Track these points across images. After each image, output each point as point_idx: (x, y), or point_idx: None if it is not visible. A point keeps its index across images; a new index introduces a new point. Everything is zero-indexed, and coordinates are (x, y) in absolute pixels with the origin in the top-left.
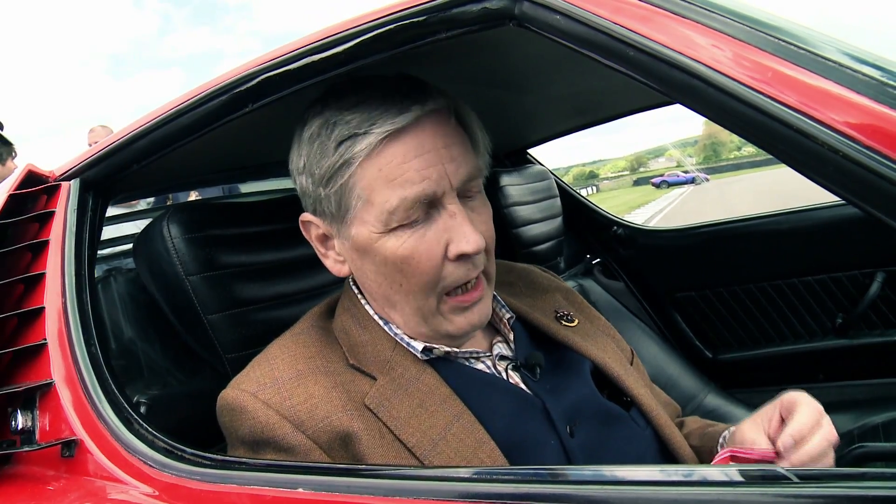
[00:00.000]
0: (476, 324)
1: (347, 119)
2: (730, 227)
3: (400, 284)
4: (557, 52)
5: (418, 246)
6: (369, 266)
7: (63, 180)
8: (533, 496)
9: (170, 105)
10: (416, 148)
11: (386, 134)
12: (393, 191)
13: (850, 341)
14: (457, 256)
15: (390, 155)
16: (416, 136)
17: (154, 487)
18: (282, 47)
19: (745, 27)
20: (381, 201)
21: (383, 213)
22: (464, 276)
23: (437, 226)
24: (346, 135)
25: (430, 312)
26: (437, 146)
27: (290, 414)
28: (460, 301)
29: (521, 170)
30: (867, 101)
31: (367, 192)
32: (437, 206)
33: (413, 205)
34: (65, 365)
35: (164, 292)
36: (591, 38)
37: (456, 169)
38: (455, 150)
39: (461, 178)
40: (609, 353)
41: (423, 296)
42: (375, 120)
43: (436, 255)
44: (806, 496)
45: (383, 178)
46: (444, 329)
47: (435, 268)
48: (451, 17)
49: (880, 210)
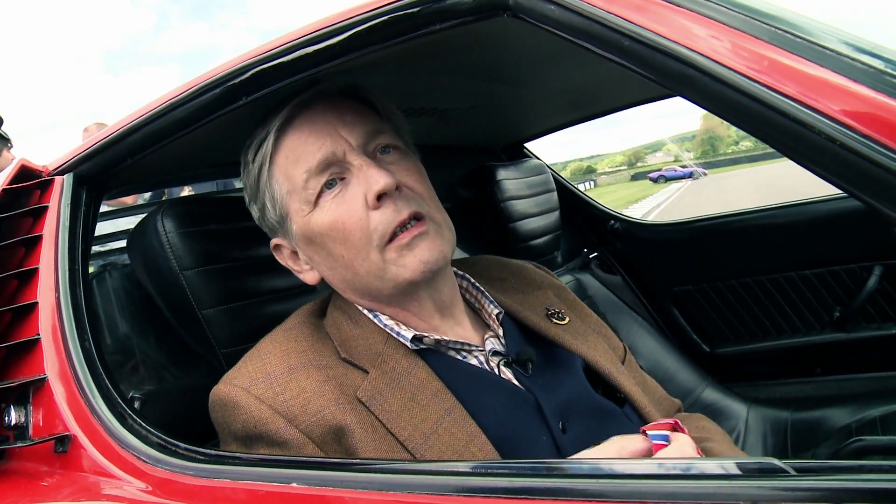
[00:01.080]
0: (428, 259)
1: (254, 135)
2: (727, 221)
3: (343, 256)
4: (553, 44)
5: (339, 207)
6: (318, 255)
7: (56, 175)
8: (528, 490)
9: (163, 99)
10: (307, 127)
11: (279, 124)
12: (300, 167)
13: (848, 335)
14: (375, 200)
15: (289, 142)
16: (306, 118)
17: (147, 483)
18: (275, 39)
19: (742, 16)
20: (296, 183)
21: (301, 191)
22: (392, 219)
23: (352, 184)
24: (256, 145)
25: (380, 268)
26: (328, 118)
27: (282, 408)
28: (400, 240)
29: (518, 164)
30: (865, 89)
31: (286, 183)
32: (347, 168)
33: (318, 170)
34: (58, 360)
35: (159, 287)
36: (586, 28)
37: (350, 130)
38: (348, 116)
39: (358, 135)
40: (599, 352)
41: (364, 255)
42: (269, 120)
43: (358, 209)
44: (803, 489)
45: (291, 162)
46: (402, 278)
47: (361, 221)
48: (445, 7)
49: (878, 199)
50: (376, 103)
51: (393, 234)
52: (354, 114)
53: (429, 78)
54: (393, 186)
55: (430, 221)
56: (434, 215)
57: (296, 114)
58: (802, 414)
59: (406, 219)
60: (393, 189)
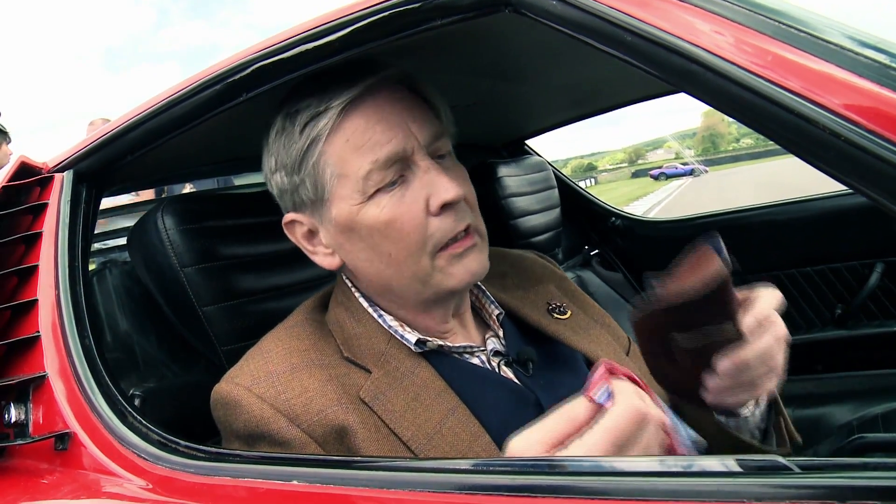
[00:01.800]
0: (475, 271)
1: (307, 103)
2: (728, 217)
3: (389, 254)
4: (555, 40)
5: (399, 207)
6: (357, 245)
7: (56, 172)
8: (530, 488)
9: (164, 95)
10: (376, 113)
11: (344, 104)
12: (363, 157)
13: (850, 332)
14: (439, 208)
15: (353, 124)
16: (375, 102)
17: (148, 480)
18: (275, 36)
19: (745, 10)
20: (354, 170)
21: (358, 181)
22: (451, 229)
23: (414, 185)
24: (308, 116)
25: (426, 274)
26: (398, 109)
27: (284, 408)
28: (453, 249)
29: (519, 160)
30: (870, 84)
31: (339, 166)
32: (410, 166)
33: (385, 165)
34: (58, 357)
35: (159, 284)
36: (588, 23)
37: (420, 127)
38: (415, 111)
39: (427, 135)
40: (602, 345)
41: (415, 259)
42: (332, 95)
43: (418, 213)
44: (806, 486)
45: (351, 147)
46: (445, 285)
47: (420, 226)
48: (446, 3)
49: (882, 195)
50: (438, 104)
51: (447, 243)
52: (419, 109)
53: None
54: (461, 197)
55: (477, 234)
56: (480, 228)
57: (363, 96)
58: (804, 411)
59: (463, 230)
60: (461, 200)
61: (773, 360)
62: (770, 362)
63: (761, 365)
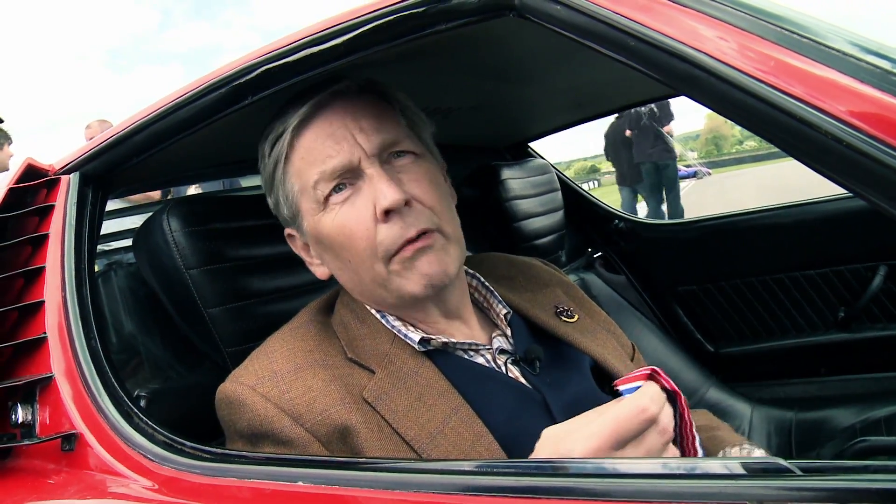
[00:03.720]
0: (432, 275)
1: (273, 126)
2: (732, 220)
3: (349, 261)
4: (558, 43)
5: (348, 213)
6: (328, 253)
7: (63, 174)
8: (534, 489)
9: (169, 98)
10: (325, 128)
11: (295, 125)
12: (314, 168)
13: (853, 335)
14: (382, 214)
15: (305, 141)
16: (324, 119)
17: (154, 481)
18: (281, 39)
19: (748, 16)
20: (308, 182)
21: (311, 191)
22: (399, 235)
23: (364, 192)
24: (273, 139)
25: (384, 280)
26: (345, 121)
27: (288, 407)
28: (404, 252)
29: (522, 163)
30: (872, 90)
31: (299, 182)
32: (360, 175)
33: (332, 176)
34: (65, 359)
35: (165, 286)
36: (592, 28)
37: (367, 137)
38: (364, 121)
39: (375, 143)
40: (609, 350)
41: (369, 265)
42: (288, 117)
43: (366, 219)
44: (809, 489)
45: (306, 163)
46: (406, 291)
47: (367, 230)
48: (451, 8)
49: (883, 199)
50: (395, 102)
51: (398, 249)
52: (372, 117)
53: (433, 77)
54: (401, 203)
55: (438, 236)
56: (444, 228)
57: (313, 113)
58: (807, 414)
59: (413, 236)
60: (401, 205)
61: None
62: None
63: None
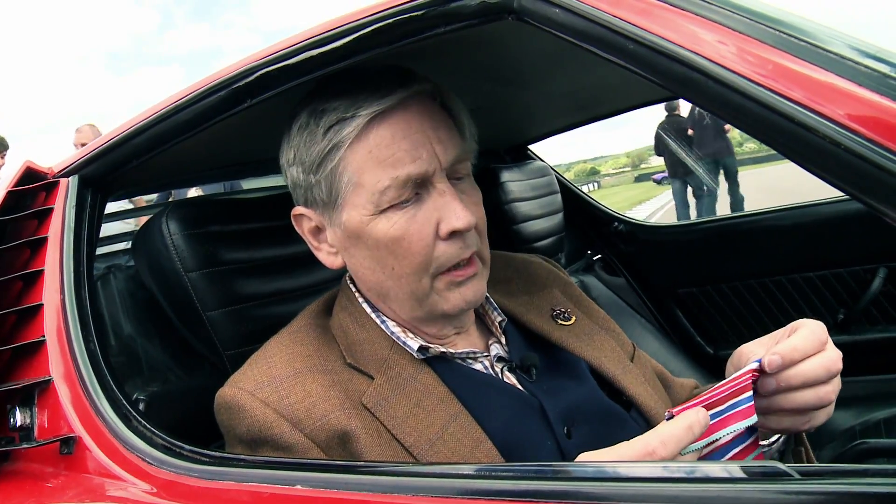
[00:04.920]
0: (470, 300)
1: (335, 105)
2: (731, 222)
3: (392, 268)
4: (557, 46)
5: (409, 226)
6: (362, 252)
7: (62, 177)
8: (533, 493)
9: (169, 101)
10: (403, 129)
11: (372, 115)
12: (384, 171)
13: (852, 337)
14: (448, 234)
15: (378, 136)
16: (403, 118)
17: (152, 484)
18: (280, 42)
19: (746, 19)
20: (371, 182)
21: (374, 193)
22: (456, 255)
23: (427, 206)
24: (334, 120)
25: (423, 294)
26: (425, 127)
27: (287, 412)
28: (454, 276)
29: (522, 165)
30: (870, 93)
31: (357, 175)
32: (427, 187)
33: (404, 184)
34: (63, 362)
35: (164, 289)
36: (591, 31)
37: (444, 149)
38: (442, 132)
39: (450, 158)
40: (606, 352)
41: (416, 278)
42: (361, 103)
43: (427, 235)
44: (807, 493)
45: (373, 159)
46: (439, 308)
47: (426, 247)
48: (450, 11)
49: (882, 203)
50: (465, 123)
51: (450, 268)
52: (447, 129)
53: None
54: (472, 227)
55: (479, 262)
56: (484, 254)
57: (395, 108)
58: None
59: (467, 258)
60: (470, 229)
61: (821, 390)
62: (819, 392)
63: (808, 392)
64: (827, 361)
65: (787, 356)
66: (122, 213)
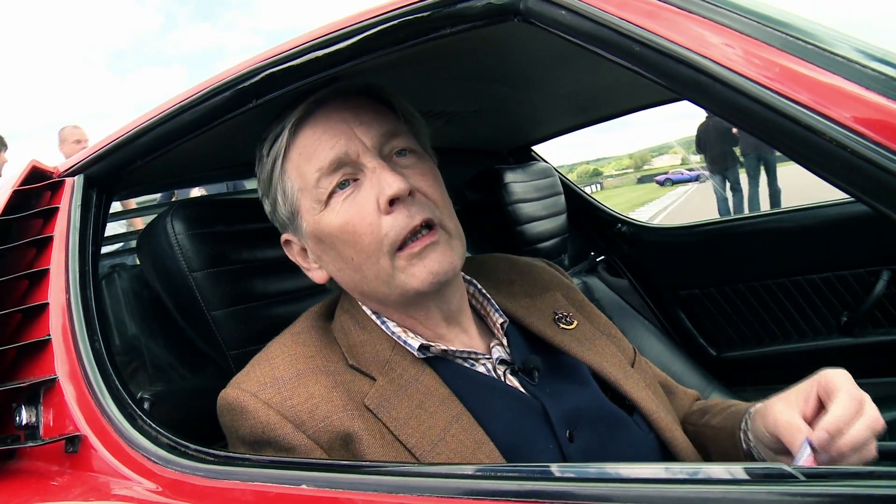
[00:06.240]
0: (437, 271)
1: (269, 128)
2: (734, 224)
3: (352, 259)
4: (562, 48)
5: (351, 209)
6: (329, 255)
7: (67, 176)
8: (536, 493)
9: (174, 101)
10: (323, 124)
11: (294, 121)
12: (312, 165)
13: (855, 340)
14: (387, 204)
15: (305, 138)
16: (323, 115)
17: (157, 483)
18: (286, 43)
19: (753, 23)
20: (307, 180)
21: (312, 189)
22: (404, 226)
23: (365, 186)
24: (271, 139)
25: (388, 276)
26: (344, 117)
27: (290, 414)
28: (411, 248)
29: (525, 167)
30: (876, 96)
31: (298, 180)
32: (360, 168)
33: (330, 170)
34: (68, 361)
35: (168, 288)
36: (597, 33)
37: (366, 129)
38: (364, 115)
39: (374, 135)
40: (607, 357)
41: (374, 260)
42: (286, 116)
43: (370, 213)
44: (813, 495)
45: (304, 159)
46: (410, 287)
47: (372, 225)
48: (455, 12)
49: (888, 206)
50: (395, 104)
51: (404, 241)
52: (372, 113)
53: (437, 81)
54: (406, 191)
55: (441, 231)
56: (446, 223)
57: (312, 110)
58: None
59: (418, 225)
60: (406, 194)
61: (866, 449)
62: (863, 452)
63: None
64: (870, 422)
65: (833, 431)
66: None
